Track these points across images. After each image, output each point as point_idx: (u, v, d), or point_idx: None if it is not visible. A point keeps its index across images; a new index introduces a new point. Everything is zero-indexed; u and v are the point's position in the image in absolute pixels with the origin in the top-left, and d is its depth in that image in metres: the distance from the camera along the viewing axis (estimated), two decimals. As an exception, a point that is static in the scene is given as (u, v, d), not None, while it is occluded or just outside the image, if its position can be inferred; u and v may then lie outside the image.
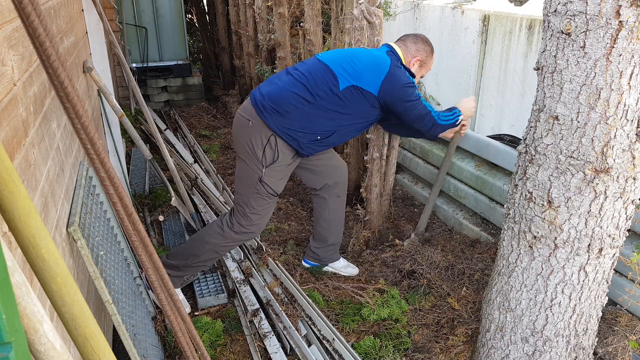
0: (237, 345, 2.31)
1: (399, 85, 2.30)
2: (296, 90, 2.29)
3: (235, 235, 2.43)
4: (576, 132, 1.52)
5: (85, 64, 2.66)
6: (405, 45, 2.48)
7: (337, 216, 2.79)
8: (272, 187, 2.38)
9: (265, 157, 2.32)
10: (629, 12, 1.34)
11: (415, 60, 2.49)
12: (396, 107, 2.35)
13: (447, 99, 5.66)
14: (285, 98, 2.28)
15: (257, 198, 2.38)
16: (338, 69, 2.30)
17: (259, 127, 2.30)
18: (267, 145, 2.30)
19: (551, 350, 1.84)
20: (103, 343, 0.88)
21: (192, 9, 7.87)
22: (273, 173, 2.36)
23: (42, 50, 0.71)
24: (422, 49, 2.49)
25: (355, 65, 2.30)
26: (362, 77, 2.28)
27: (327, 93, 2.28)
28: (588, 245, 1.64)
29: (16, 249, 1.01)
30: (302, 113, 2.29)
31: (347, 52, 2.41)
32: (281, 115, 2.28)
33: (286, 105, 2.28)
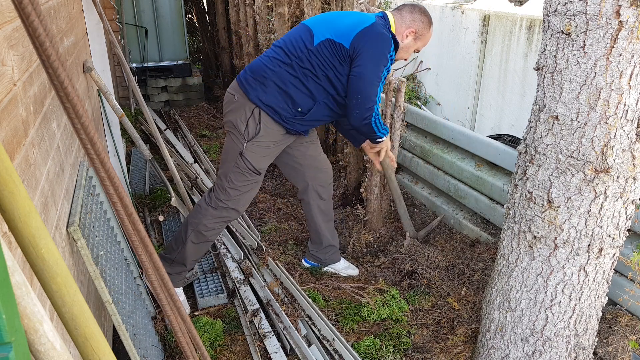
0: (237, 345, 2.31)
1: (373, 41, 2.18)
2: (273, 55, 2.29)
3: (213, 211, 2.39)
4: (576, 132, 1.52)
5: (85, 64, 2.66)
6: (400, 15, 2.34)
7: (325, 219, 2.76)
8: (253, 162, 2.34)
9: (247, 131, 2.30)
10: (629, 12, 1.34)
11: (409, 31, 2.34)
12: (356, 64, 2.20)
13: (447, 99, 5.66)
14: (264, 64, 2.30)
15: (236, 173, 2.35)
16: (316, 26, 2.28)
17: (242, 101, 2.31)
18: (250, 118, 2.29)
19: (551, 350, 1.84)
20: (103, 343, 0.88)
21: (192, 9, 7.87)
22: (255, 148, 2.33)
23: (42, 50, 0.71)
24: (418, 20, 2.34)
25: (336, 22, 2.25)
26: (339, 31, 2.22)
27: (302, 50, 2.24)
28: (588, 245, 1.64)
29: (16, 249, 1.01)
30: (279, 78, 2.26)
31: (334, 13, 2.37)
32: (262, 85, 2.27)
33: (264, 71, 2.28)
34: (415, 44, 2.40)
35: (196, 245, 2.46)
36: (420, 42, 2.40)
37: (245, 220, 3.27)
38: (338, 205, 3.63)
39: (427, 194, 3.42)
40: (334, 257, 2.85)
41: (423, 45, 2.43)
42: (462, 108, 5.41)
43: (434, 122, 3.28)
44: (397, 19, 2.33)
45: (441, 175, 3.24)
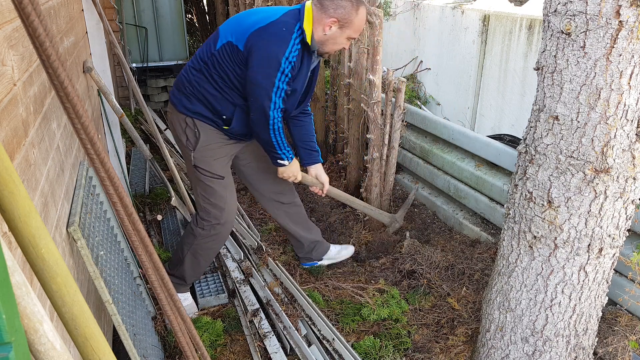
0: (237, 345, 2.31)
1: (264, 42, 2.01)
2: (190, 64, 2.24)
3: (202, 232, 2.35)
4: (576, 132, 1.52)
5: (85, 64, 2.66)
6: (321, 4, 2.09)
7: (295, 222, 2.71)
8: (208, 168, 2.26)
9: (189, 141, 2.25)
10: (629, 12, 1.34)
11: (331, 21, 2.09)
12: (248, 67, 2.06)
13: (447, 99, 5.66)
14: (182, 75, 2.25)
15: (202, 186, 2.30)
16: (225, 27, 2.15)
17: (174, 114, 2.28)
18: (186, 128, 2.23)
19: (551, 350, 1.84)
20: (103, 343, 0.88)
21: (192, 9, 7.87)
22: (203, 154, 2.25)
23: (42, 50, 0.71)
24: (340, 6, 2.07)
25: (242, 21, 2.11)
26: (239, 32, 2.08)
27: (208, 55, 2.15)
28: (588, 245, 1.64)
29: (16, 249, 1.01)
30: (194, 87, 2.19)
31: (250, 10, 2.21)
32: (185, 95, 2.22)
33: (182, 81, 2.24)
34: (344, 33, 2.14)
35: (194, 264, 2.45)
36: (350, 30, 2.14)
37: (245, 220, 3.27)
38: (338, 205, 3.63)
39: (427, 194, 3.42)
40: (322, 250, 2.82)
41: (355, 33, 2.16)
42: (462, 108, 5.41)
43: (434, 122, 3.28)
44: (316, 10, 2.09)
45: (441, 175, 3.24)
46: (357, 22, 2.13)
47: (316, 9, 2.10)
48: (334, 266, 2.88)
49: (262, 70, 2.03)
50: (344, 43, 2.20)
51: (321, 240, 2.82)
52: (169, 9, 6.18)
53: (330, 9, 2.08)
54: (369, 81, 2.91)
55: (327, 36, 2.13)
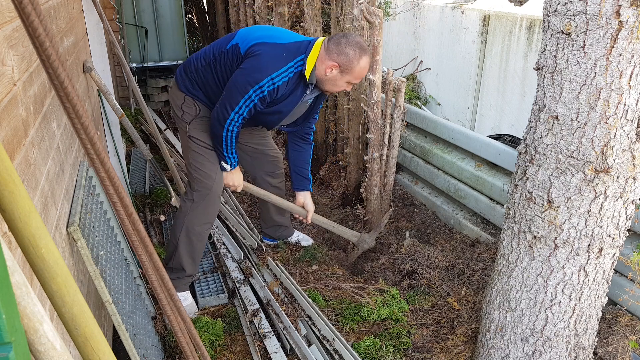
0: (237, 345, 2.31)
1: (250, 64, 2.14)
2: (202, 53, 2.38)
3: (191, 205, 2.44)
4: (576, 132, 1.52)
5: (85, 64, 2.66)
6: (327, 46, 2.21)
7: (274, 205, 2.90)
8: (201, 138, 2.40)
9: (185, 115, 2.39)
10: (629, 12, 1.34)
11: (332, 64, 2.20)
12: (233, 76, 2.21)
13: (447, 99, 5.66)
14: (192, 60, 2.39)
15: (193, 155, 2.41)
16: (241, 32, 2.29)
17: (174, 91, 2.44)
18: (183, 105, 2.39)
19: (551, 350, 1.84)
20: (103, 343, 0.88)
21: (192, 9, 7.87)
22: (198, 125, 2.40)
23: (42, 50, 0.71)
24: (343, 53, 2.17)
25: (254, 32, 2.25)
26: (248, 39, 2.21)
27: (218, 52, 2.30)
28: (588, 245, 1.64)
29: (16, 249, 1.01)
30: (201, 76, 2.34)
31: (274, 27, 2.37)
32: (188, 79, 2.37)
33: (190, 66, 2.38)
34: (344, 77, 2.24)
35: (188, 247, 2.48)
36: (350, 76, 2.24)
37: (245, 220, 3.27)
38: (338, 205, 3.63)
39: (427, 194, 3.42)
40: (286, 233, 3.08)
41: (356, 79, 2.27)
42: (462, 108, 5.41)
43: (434, 122, 3.28)
44: (323, 50, 2.20)
45: (441, 175, 3.24)
46: (358, 71, 2.23)
47: (323, 48, 2.21)
48: (334, 266, 2.88)
49: (246, 74, 2.15)
50: (344, 86, 2.31)
51: (288, 226, 3.07)
52: (169, 9, 6.18)
53: (334, 53, 2.19)
54: (369, 81, 2.91)
55: (327, 77, 2.25)
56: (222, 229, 3.17)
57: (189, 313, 2.49)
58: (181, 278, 2.52)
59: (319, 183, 3.94)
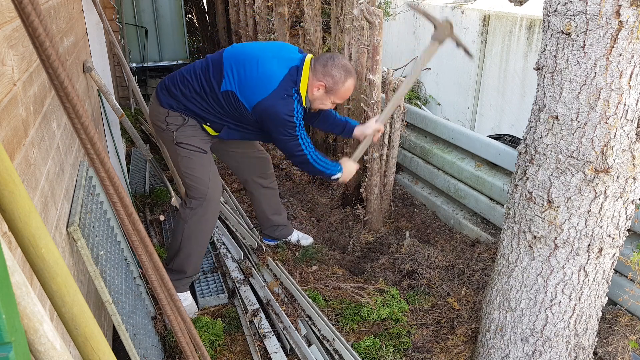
0: (237, 345, 2.31)
1: (272, 114, 2.22)
2: (189, 76, 2.34)
3: (190, 212, 2.44)
4: (576, 132, 1.52)
5: (85, 64, 2.66)
6: (314, 67, 2.28)
7: (269, 206, 2.94)
8: (189, 142, 2.39)
9: (170, 125, 2.36)
10: (629, 12, 1.34)
11: (318, 84, 2.28)
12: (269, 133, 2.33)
13: (447, 99, 5.66)
14: (179, 84, 2.35)
15: (185, 162, 2.40)
16: (228, 68, 2.27)
17: (155, 107, 2.40)
18: (167, 117, 2.37)
19: (551, 350, 1.84)
20: (103, 343, 0.88)
21: (192, 9, 7.87)
22: (184, 132, 2.37)
23: (42, 50, 0.71)
24: (329, 74, 2.26)
25: (244, 74, 2.24)
26: (243, 89, 2.24)
27: (211, 89, 2.29)
28: (588, 245, 1.64)
29: (16, 249, 1.01)
30: (189, 99, 2.33)
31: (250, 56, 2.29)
32: (175, 101, 2.35)
33: (177, 89, 2.35)
34: (329, 97, 2.34)
35: (189, 251, 2.49)
36: (334, 97, 2.34)
37: (245, 220, 3.27)
38: (338, 205, 3.63)
39: (427, 194, 3.42)
40: (285, 233, 3.05)
41: (340, 100, 2.36)
42: (462, 108, 5.41)
43: (434, 122, 3.28)
44: (310, 71, 2.28)
45: (441, 175, 3.24)
46: (343, 92, 2.33)
47: (310, 70, 2.28)
48: (334, 266, 2.88)
49: (283, 132, 2.27)
50: (329, 105, 2.41)
51: (286, 225, 3.06)
52: (169, 9, 6.18)
53: (320, 74, 2.27)
54: (369, 81, 2.91)
55: (314, 96, 2.34)
56: (222, 229, 3.17)
57: (189, 313, 2.49)
58: (182, 279, 2.53)
59: (319, 183, 3.94)
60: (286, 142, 2.31)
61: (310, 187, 3.93)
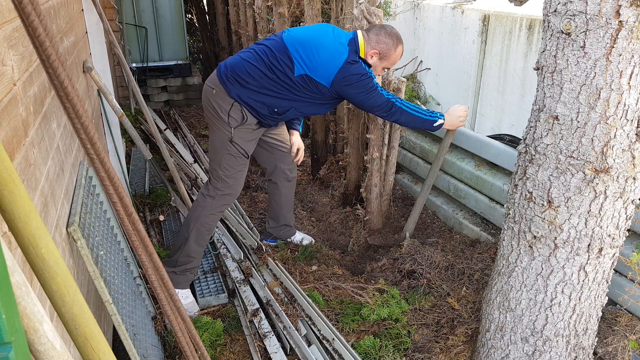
0: (237, 345, 2.31)
1: (350, 79, 2.37)
2: (257, 64, 2.42)
3: (212, 201, 2.54)
4: (576, 132, 1.52)
5: (85, 64, 2.66)
6: (367, 36, 2.47)
7: (287, 200, 3.00)
8: (243, 147, 2.51)
9: (231, 120, 2.46)
10: (629, 12, 1.34)
11: (373, 52, 2.48)
12: (351, 99, 2.48)
13: (447, 99, 5.66)
14: (246, 69, 2.43)
15: (229, 158, 2.51)
16: (296, 55, 2.39)
17: (221, 95, 2.46)
18: (231, 110, 2.45)
19: (551, 350, 1.84)
20: (103, 343, 0.88)
21: (192, 9, 7.87)
22: (242, 134, 2.50)
23: (42, 50, 0.71)
24: (382, 42, 2.47)
25: (313, 56, 2.37)
26: (316, 69, 2.37)
27: (284, 74, 2.40)
28: (588, 245, 1.64)
29: (16, 249, 1.01)
30: (260, 86, 2.42)
31: (311, 39, 2.43)
32: (241, 86, 2.43)
33: (246, 76, 2.42)
34: (381, 64, 2.53)
35: (198, 239, 2.56)
36: (386, 62, 2.53)
37: (245, 220, 3.27)
38: (338, 205, 3.63)
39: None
40: (289, 233, 3.10)
41: (391, 65, 2.56)
42: (462, 108, 5.40)
43: (434, 122, 3.27)
44: (365, 39, 2.47)
45: (441, 175, 3.24)
46: (394, 57, 2.52)
47: (364, 39, 2.46)
48: (334, 266, 2.88)
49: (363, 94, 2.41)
50: (379, 72, 2.59)
51: (292, 226, 3.12)
52: (169, 9, 6.18)
53: (374, 42, 2.47)
54: (369, 81, 2.90)
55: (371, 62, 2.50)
56: (222, 229, 3.17)
57: (190, 311, 2.50)
58: (185, 272, 2.57)
59: (319, 183, 3.94)
60: (370, 100, 2.42)
61: (310, 187, 3.93)
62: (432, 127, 2.60)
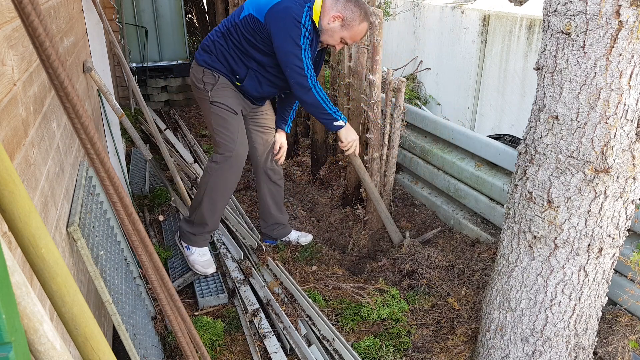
0: (237, 345, 2.31)
1: (279, 15, 2.26)
2: (216, 28, 2.53)
3: (216, 166, 2.56)
4: (576, 132, 1.52)
5: (85, 63, 2.66)
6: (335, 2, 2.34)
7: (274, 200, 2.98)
8: (223, 102, 2.52)
9: (206, 85, 2.52)
10: (629, 12, 1.34)
11: (336, 15, 2.33)
12: (273, 39, 2.31)
13: (447, 99, 5.66)
14: (209, 37, 2.55)
15: (217, 119, 2.53)
16: (248, 3, 2.41)
17: (195, 67, 2.57)
18: (203, 77, 2.52)
19: (551, 350, 1.84)
20: (103, 343, 0.88)
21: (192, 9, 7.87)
22: (219, 92, 2.52)
23: (42, 50, 0.71)
24: (350, 9, 2.32)
25: None
26: (259, 6, 2.34)
27: (232, 24, 2.44)
28: (588, 245, 1.64)
29: (16, 249, 1.01)
30: (218, 48, 2.48)
31: None
32: (206, 52, 2.52)
33: (207, 42, 2.53)
34: (341, 32, 2.37)
35: (211, 205, 2.61)
36: (347, 32, 2.37)
37: (245, 220, 3.27)
38: (338, 205, 3.63)
39: (427, 194, 3.42)
40: (284, 232, 3.06)
41: (351, 38, 2.40)
42: (462, 108, 5.41)
43: (434, 122, 3.28)
44: (328, 4, 2.34)
45: (441, 175, 3.24)
46: (356, 30, 2.37)
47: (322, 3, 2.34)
48: (334, 266, 2.88)
49: (285, 36, 2.28)
50: (337, 41, 2.43)
51: (286, 224, 3.08)
52: (169, 9, 6.17)
53: (340, 6, 2.33)
54: (368, 81, 2.91)
55: (329, 26, 2.37)
56: (222, 229, 3.17)
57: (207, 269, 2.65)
58: (202, 234, 2.66)
59: (319, 183, 3.94)
60: (289, 52, 2.29)
61: (310, 187, 3.93)
62: (332, 125, 2.51)
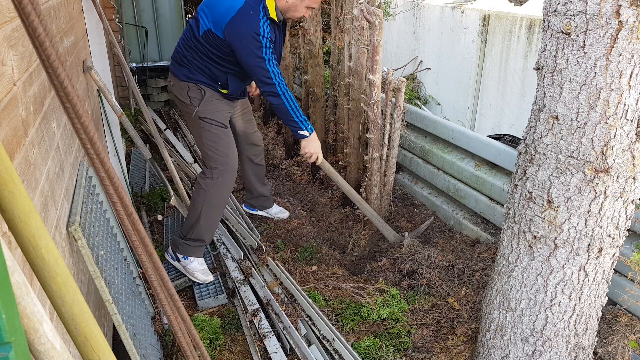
0: (237, 345, 2.31)
1: (239, 31, 2.28)
2: (182, 41, 2.54)
3: (211, 181, 2.57)
4: (576, 132, 1.52)
5: (85, 63, 2.66)
6: None
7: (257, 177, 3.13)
8: (211, 117, 2.54)
9: (192, 100, 2.52)
10: (629, 12, 1.34)
11: None
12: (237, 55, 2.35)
13: (447, 99, 5.67)
14: (178, 50, 2.56)
15: (208, 135, 2.55)
16: (202, 12, 2.41)
17: (175, 83, 2.58)
18: (189, 91, 2.52)
19: (551, 350, 1.84)
20: (103, 343, 0.88)
21: (192, 9, 7.87)
22: (207, 107, 2.53)
23: (42, 50, 0.71)
24: None
25: (215, 7, 2.36)
26: (216, 19, 2.34)
27: (195, 38, 2.44)
28: (588, 245, 1.64)
29: (16, 249, 1.01)
30: (192, 61, 2.49)
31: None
32: (183, 66, 2.52)
33: (179, 55, 2.54)
34: (303, 2, 2.40)
35: (209, 219, 2.62)
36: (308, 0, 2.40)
37: (245, 220, 3.27)
38: (338, 205, 3.63)
39: (427, 194, 3.42)
40: (266, 204, 3.24)
41: (314, 3, 2.42)
42: (462, 108, 5.41)
43: (434, 122, 3.28)
44: None
45: (441, 175, 3.24)
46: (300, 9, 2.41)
47: None
48: (334, 266, 2.88)
49: (248, 52, 2.31)
50: (304, 11, 2.47)
51: (268, 196, 3.26)
52: (169, 9, 6.17)
53: None
54: (368, 81, 2.91)
55: (288, 4, 2.41)
56: (222, 229, 3.17)
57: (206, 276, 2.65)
58: (200, 246, 2.67)
59: (319, 183, 3.94)
60: (254, 66, 2.33)
61: (310, 187, 3.93)
62: (297, 133, 2.55)
